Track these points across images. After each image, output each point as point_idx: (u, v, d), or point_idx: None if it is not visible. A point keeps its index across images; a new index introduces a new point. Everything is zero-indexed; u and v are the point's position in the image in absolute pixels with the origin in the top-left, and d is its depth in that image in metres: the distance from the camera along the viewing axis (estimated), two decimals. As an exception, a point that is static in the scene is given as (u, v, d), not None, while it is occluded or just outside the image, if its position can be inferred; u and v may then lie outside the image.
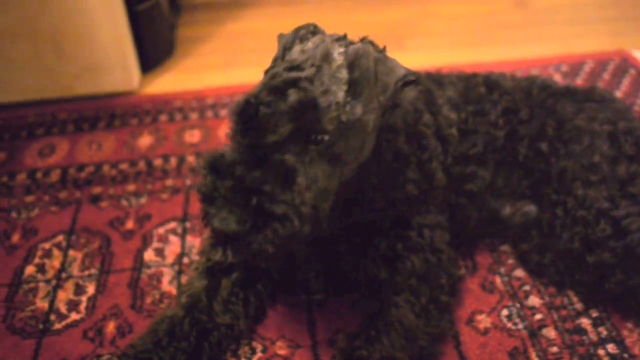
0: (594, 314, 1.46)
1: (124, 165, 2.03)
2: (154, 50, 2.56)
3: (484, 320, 1.46)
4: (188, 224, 1.77)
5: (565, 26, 2.75)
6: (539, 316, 1.47)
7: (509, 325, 1.45)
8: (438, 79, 1.65)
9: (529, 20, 2.83)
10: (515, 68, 2.36)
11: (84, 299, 1.56)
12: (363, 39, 1.22)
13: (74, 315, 1.52)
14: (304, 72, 1.12)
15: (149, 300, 1.55)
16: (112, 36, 2.28)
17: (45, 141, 2.17)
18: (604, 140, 1.50)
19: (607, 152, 1.49)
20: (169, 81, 2.51)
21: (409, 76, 1.20)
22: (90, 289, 1.59)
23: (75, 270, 1.65)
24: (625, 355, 1.37)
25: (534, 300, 1.51)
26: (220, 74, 2.53)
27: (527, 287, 1.54)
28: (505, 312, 1.48)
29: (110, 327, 1.48)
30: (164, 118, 2.26)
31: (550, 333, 1.43)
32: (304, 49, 1.18)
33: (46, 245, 1.73)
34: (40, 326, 1.50)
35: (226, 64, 2.62)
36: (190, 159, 2.04)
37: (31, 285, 1.61)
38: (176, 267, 1.64)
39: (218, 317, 1.38)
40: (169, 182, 1.94)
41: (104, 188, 1.93)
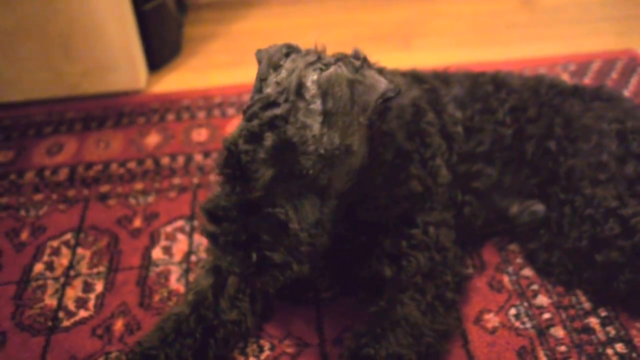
0: (603, 313, 1.46)
1: (132, 164, 2.04)
2: (161, 50, 2.57)
3: (491, 319, 1.46)
4: (195, 223, 1.77)
5: (572, 25, 2.74)
6: (547, 315, 1.46)
7: (517, 324, 1.45)
8: (444, 77, 1.65)
9: (536, 19, 2.82)
10: (523, 67, 2.36)
11: (92, 296, 1.57)
12: (337, 60, 1.22)
13: (82, 313, 1.53)
14: (279, 109, 1.15)
15: (157, 298, 1.55)
16: (120, 35, 2.29)
17: (54, 140, 2.17)
18: (612, 139, 1.50)
19: (615, 151, 1.48)
20: (176, 80, 2.52)
21: (389, 92, 1.20)
22: (99, 287, 1.59)
23: (83, 268, 1.65)
24: (634, 355, 1.36)
25: (542, 299, 1.50)
26: (227, 73, 2.54)
27: (535, 286, 1.53)
28: (513, 311, 1.48)
29: (119, 325, 1.49)
30: (171, 117, 2.27)
31: (559, 332, 1.42)
32: (278, 80, 1.19)
33: (55, 243, 1.74)
34: (49, 323, 1.50)
35: (233, 63, 2.62)
36: (198, 157, 2.05)
37: (40, 282, 1.62)
38: (184, 265, 1.64)
39: (224, 314, 1.39)
40: (176, 181, 1.95)
41: (112, 186, 1.94)
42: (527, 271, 1.57)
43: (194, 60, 2.68)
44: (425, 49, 2.65)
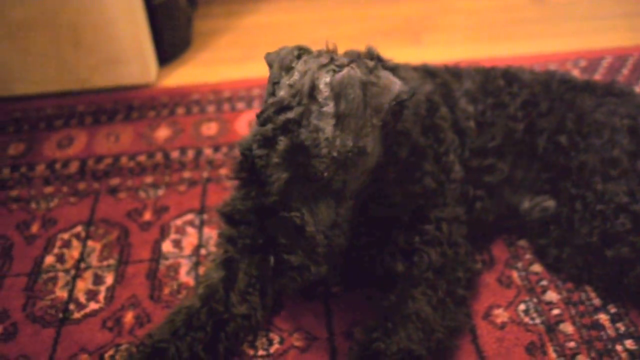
0: (612, 310, 1.45)
1: (142, 157, 2.04)
2: (171, 43, 2.57)
3: (501, 314, 1.46)
4: (205, 216, 1.78)
5: (583, 21, 2.73)
6: (556, 311, 1.46)
7: (526, 319, 1.45)
8: (456, 71, 1.64)
9: (546, 15, 2.81)
10: (533, 63, 2.35)
11: (102, 289, 1.58)
12: (351, 61, 1.22)
13: (92, 305, 1.54)
14: (292, 113, 1.15)
15: (166, 290, 1.56)
16: (130, 29, 2.29)
17: (64, 133, 2.18)
18: (624, 134, 1.49)
19: (627, 147, 1.48)
20: (186, 74, 2.53)
21: (402, 95, 1.20)
22: (109, 279, 1.60)
23: (94, 260, 1.66)
24: (644, 351, 1.37)
25: (552, 295, 1.50)
26: (236, 67, 2.54)
27: (545, 282, 1.53)
28: (522, 307, 1.48)
29: (129, 317, 1.50)
30: (181, 111, 2.27)
31: (568, 328, 1.42)
32: (291, 83, 1.19)
33: (65, 235, 1.75)
34: (60, 315, 1.51)
35: (243, 57, 2.62)
36: (208, 151, 2.05)
37: (50, 274, 1.63)
38: (194, 259, 1.65)
39: (235, 308, 1.39)
40: (186, 175, 1.95)
41: (122, 180, 1.95)
42: (537, 267, 1.57)
43: (203, 54, 2.68)
44: (435, 44, 2.64)
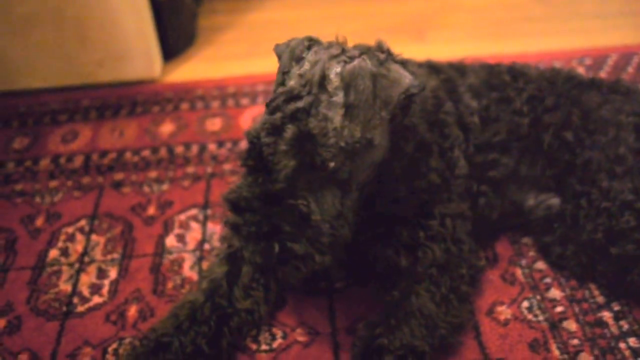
0: (616, 308, 1.45)
1: (146, 152, 2.04)
2: (175, 39, 2.57)
3: (504, 311, 1.46)
4: (209, 211, 1.78)
5: (588, 19, 2.72)
6: (559, 308, 1.46)
7: (530, 317, 1.45)
8: (460, 67, 1.64)
9: (551, 12, 2.80)
10: (538, 61, 2.34)
11: (106, 282, 1.58)
12: (362, 53, 1.22)
13: (96, 299, 1.54)
14: (302, 102, 1.15)
15: (170, 285, 1.56)
16: (135, 24, 2.29)
17: (69, 127, 2.19)
18: (630, 132, 1.49)
19: (633, 144, 1.47)
20: (190, 70, 2.53)
21: (412, 89, 1.20)
22: (113, 273, 1.60)
23: (98, 254, 1.67)
24: (647, 349, 1.37)
25: (555, 292, 1.50)
26: (241, 63, 2.54)
27: (548, 280, 1.53)
28: (525, 304, 1.48)
29: (132, 311, 1.50)
30: (185, 106, 2.27)
31: (571, 325, 1.42)
32: (301, 73, 1.19)
33: (69, 229, 1.75)
34: (64, 308, 1.52)
35: (247, 53, 2.62)
36: (212, 146, 2.05)
37: (55, 268, 1.63)
38: (197, 253, 1.65)
39: (238, 303, 1.39)
40: (190, 170, 1.96)
41: (126, 174, 1.95)
42: (540, 264, 1.57)
43: (208, 50, 2.68)
44: (439, 41, 2.64)
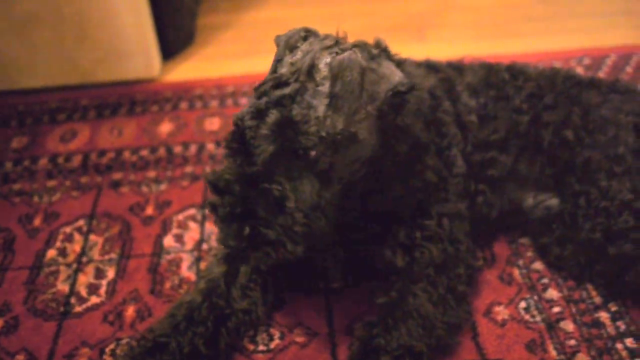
0: (613, 308, 1.45)
1: (145, 152, 2.04)
2: (175, 38, 2.57)
3: (501, 311, 1.46)
4: (207, 211, 1.78)
5: (587, 19, 2.72)
6: (557, 309, 1.46)
7: (527, 317, 1.45)
8: (458, 67, 1.64)
9: (550, 12, 2.80)
10: (537, 60, 2.33)
11: (104, 282, 1.58)
12: (355, 45, 1.22)
13: (94, 299, 1.54)
14: (288, 89, 1.16)
15: (168, 285, 1.56)
16: (134, 23, 2.29)
17: (67, 126, 2.19)
18: (629, 131, 1.49)
19: (632, 144, 1.47)
20: (189, 69, 2.53)
21: (400, 86, 1.20)
22: (110, 273, 1.60)
23: (95, 254, 1.67)
24: (644, 350, 1.36)
25: (553, 293, 1.50)
26: (240, 63, 2.54)
27: (546, 280, 1.53)
28: (523, 305, 1.48)
29: (130, 311, 1.50)
30: (184, 105, 2.27)
31: (568, 326, 1.42)
32: (293, 61, 1.20)
33: (67, 229, 1.75)
34: (61, 309, 1.52)
35: (246, 52, 2.62)
36: (210, 146, 2.05)
37: (52, 268, 1.63)
38: (195, 254, 1.65)
39: (236, 303, 1.39)
40: (188, 169, 1.95)
41: (125, 174, 1.95)
42: (538, 264, 1.57)
43: (207, 49, 2.68)
44: (439, 41, 2.64)
